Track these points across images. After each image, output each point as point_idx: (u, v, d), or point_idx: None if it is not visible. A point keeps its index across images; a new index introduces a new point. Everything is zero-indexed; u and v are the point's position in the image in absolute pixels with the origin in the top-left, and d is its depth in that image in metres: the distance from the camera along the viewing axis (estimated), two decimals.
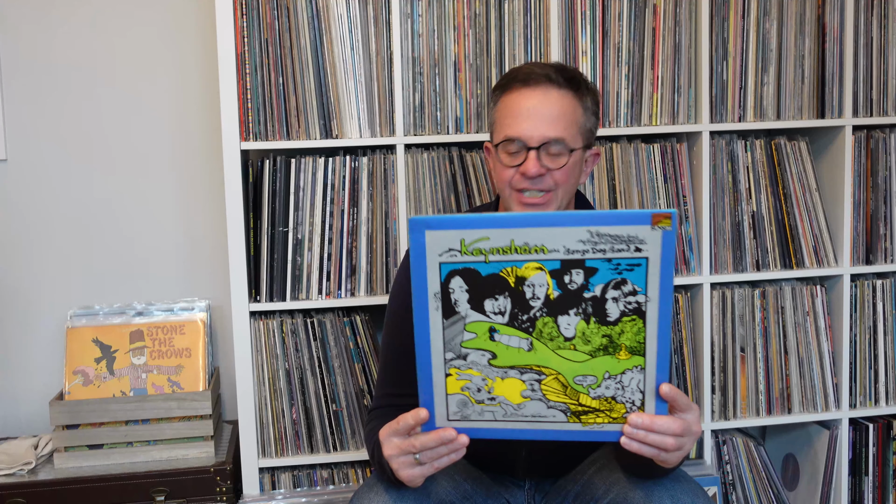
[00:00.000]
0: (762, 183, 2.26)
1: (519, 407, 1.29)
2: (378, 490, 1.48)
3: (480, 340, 1.27)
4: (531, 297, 1.24)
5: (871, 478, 2.35)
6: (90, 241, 2.40)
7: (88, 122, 2.38)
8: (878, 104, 2.29)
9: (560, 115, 1.53)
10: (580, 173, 1.61)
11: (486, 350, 1.27)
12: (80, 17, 2.34)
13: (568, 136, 1.53)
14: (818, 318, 2.29)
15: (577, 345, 1.25)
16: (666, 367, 1.25)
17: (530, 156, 1.53)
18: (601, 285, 1.22)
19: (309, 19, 2.05)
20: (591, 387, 1.26)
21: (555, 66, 1.57)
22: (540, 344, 1.26)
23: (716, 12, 2.19)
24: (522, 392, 1.28)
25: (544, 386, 1.27)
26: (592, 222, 1.20)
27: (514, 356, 1.27)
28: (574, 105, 1.55)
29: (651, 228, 1.19)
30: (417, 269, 1.25)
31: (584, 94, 1.58)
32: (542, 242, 1.22)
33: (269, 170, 2.08)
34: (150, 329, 2.26)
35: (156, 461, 2.15)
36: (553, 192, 1.57)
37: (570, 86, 1.55)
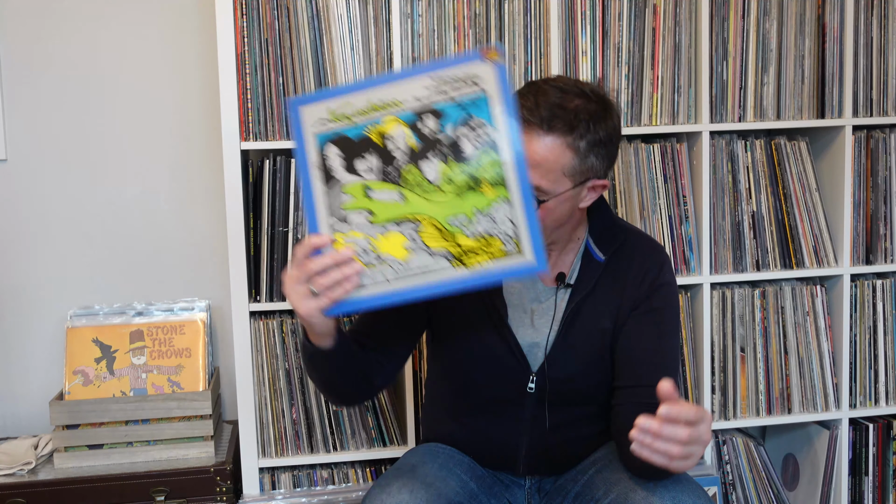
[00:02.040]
0: (762, 183, 2.26)
1: (405, 263, 1.36)
2: (391, 490, 1.48)
3: (358, 201, 1.37)
4: (394, 149, 1.36)
5: (871, 478, 2.35)
6: (90, 241, 2.40)
7: (88, 122, 2.38)
8: (878, 104, 2.29)
9: (541, 162, 1.47)
10: (572, 207, 1.54)
11: (364, 209, 1.37)
12: (80, 18, 2.34)
13: (546, 183, 1.48)
14: (818, 318, 2.29)
15: (443, 187, 1.35)
16: (530, 195, 1.33)
17: None
18: (451, 125, 1.34)
19: (309, 19, 2.05)
20: (464, 226, 1.34)
21: (554, 104, 1.47)
22: (410, 193, 1.35)
23: (716, 12, 2.19)
24: (405, 245, 1.36)
25: (422, 234, 1.35)
26: (432, 69, 1.34)
27: (390, 209, 1.36)
28: (560, 151, 1.47)
29: (482, 62, 1.32)
30: (299, 145, 1.38)
31: (582, 135, 1.47)
32: (394, 97, 1.35)
33: (269, 170, 2.08)
34: (150, 329, 2.26)
35: (156, 461, 2.15)
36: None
37: (560, 128, 1.46)
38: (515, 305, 1.64)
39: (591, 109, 1.49)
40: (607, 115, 1.52)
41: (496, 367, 1.63)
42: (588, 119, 1.48)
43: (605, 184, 1.56)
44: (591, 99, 1.51)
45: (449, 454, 1.68)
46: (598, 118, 1.49)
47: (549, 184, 1.49)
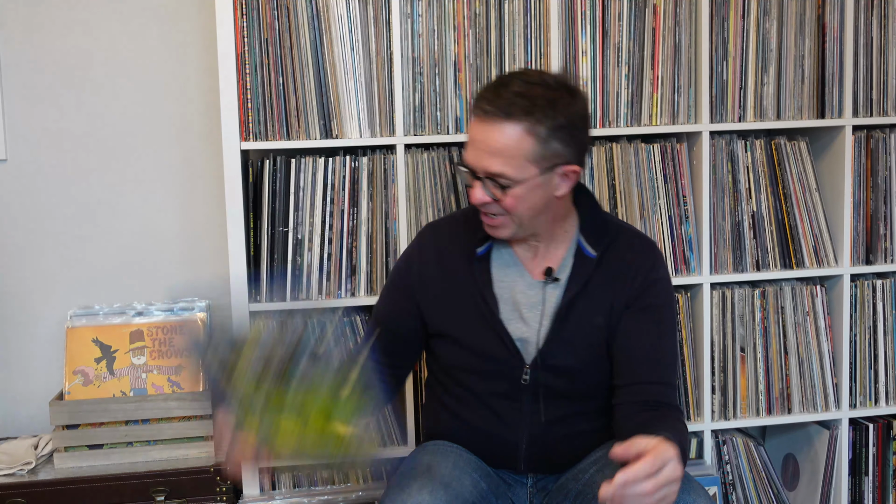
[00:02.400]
0: (762, 183, 2.26)
1: None
2: (410, 492, 1.48)
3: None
4: None
5: (871, 478, 2.35)
6: (90, 241, 2.40)
7: (88, 122, 2.37)
8: (878, 104, 2.29)
9: (502, 150, 1.50)
10: (544, 194, 1.56)
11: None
12: (80, 17, 2.34)
13: (510, 170, 1.51)
14: (818, 318, 2.29)
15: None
16: None
17: (476, 185, 1.56)
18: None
19: (309, 19, 2.05)
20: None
21: (514, 92, 1.51)
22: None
23: (716, 12, 2.19)
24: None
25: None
26: None
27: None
28: (519, 137, 1.49)
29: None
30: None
31: (541, 120, 1.49)
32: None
33: (269, 170, 2.08)
34: (150, 329, 2.26)
35: (156, 461, 2.15)
36: (506, 216, 1.57)
37: (518, 115, 1.49)
38: (505, 299, 1.65)
39: (550, 96, 1.52)
40: (568, 100, 1.53)
41: (490, 360, 1.64)
42: (546, 105, 1.50)
43: (575, 169, 1.56)
44: (551, 86, 1.53)
45: (458, 453, 1.68)
46: (556, 103, 1.51)
47: (513, 171, 1.51)
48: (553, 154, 1.52)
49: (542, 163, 1.52)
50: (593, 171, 2.17)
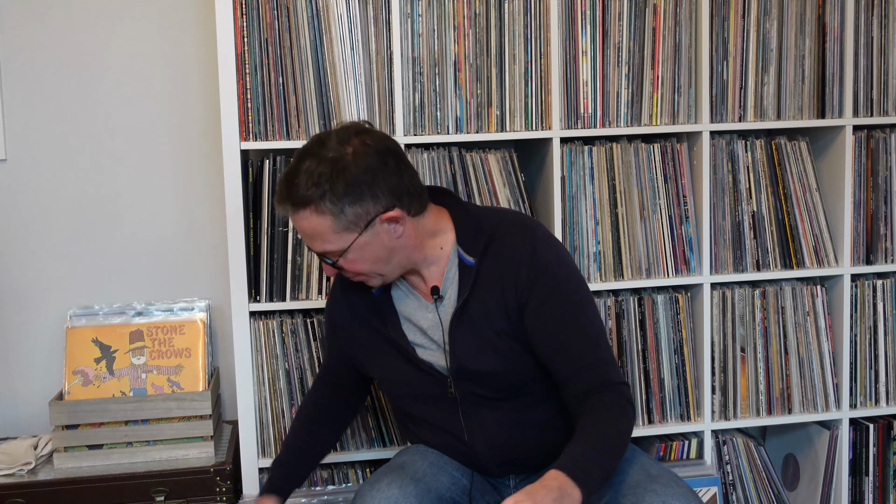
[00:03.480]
0: (762, 183, 2.25)
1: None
2: (380, 486, 1.53)
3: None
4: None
5: (872, 478, 2.35)
6: (90, 241, 2.40)
7: (88, 122, 2.37)
8: (879, 104, 2.29)
9: (312, 234, 1.56)
10: (382, 244, 1.57)
11: None
12: (79, 18, 2.34)
13: (328, 245, 1.56)
14: (818, 318, 2.29)
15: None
16: None
17: (322, 262, 1.62)
18: None
19: (309, 19, 2.05)
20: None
21: (288, 185, 1.54)
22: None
23: (716, 12, 2.19)
24: None
25: None
26: None
27: None
28: (315, 220, 1.53)
29: None
30: None
31: (321, 199, 1.51)
32: None
33: (269, 170, 2.08)
34: (149, 329, 2.26)
35: (155, 461, 2.15)
36: (361, 275, 1.62)
37: (299, 204, 1.53)
38: (410, 327, 1.69)
39: (319, 170, 1.52)
40: (339, 164, 1.52)
41: (416, 385, 1.69)
42: (315, 182, 1.51)
43: (393, 215, 1.55)
44: (327, 157, 1.52)
45: (439, 453, 1.73)
46: (326, 176, 1.51)
47: (332, 245, 1.56)
48: (357, 217, 1.54)
49: (353, 227, 1.55)
50: (593, 171, 2.17)
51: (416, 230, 1.61)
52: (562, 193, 2.15)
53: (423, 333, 1.68)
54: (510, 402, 1.66)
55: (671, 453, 2.26)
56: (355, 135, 1.55)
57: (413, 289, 1.70)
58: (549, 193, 2.16)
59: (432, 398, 1.69)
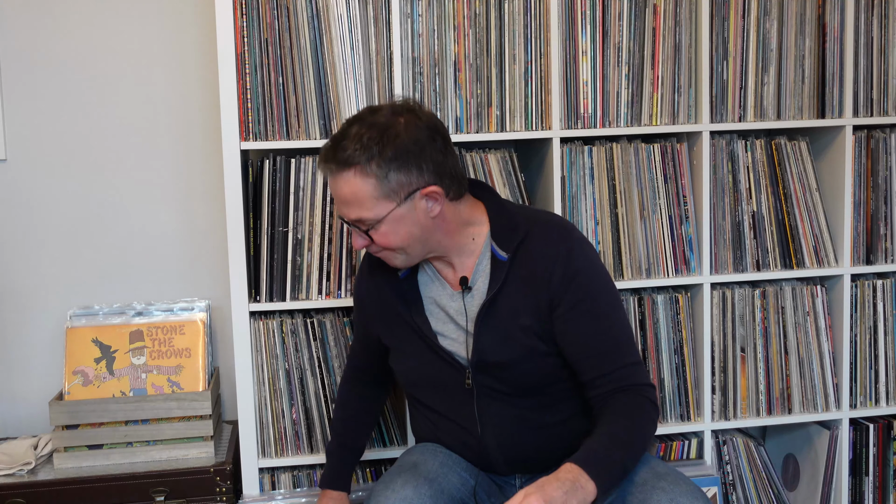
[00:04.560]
0: (762, 183, 2.26)
1: None
2: (395, 487, 1.54)
3: None
4: None
5: (872, 478, 2.35)
6: (90, 241, 2.40)
7: (88, 122, 2.38)
8: (879, 104, 2.29)
9: (350, 198, 1.57)
10: (417, 220, 1.58)
11: None
12: (79, 18, 2.34)
13: (364, 214, 1.57)
14: (818, 318, 2.29)
15: None
16: None
17: (353, 231, 1.63)
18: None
19: (309, 19, 2.05)
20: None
21: (336, 144, 1.56)
22: None
23: (716, 12, 2.19)
24: None
25: None
26: None
27: None
28: (356, 183, 1.54)
29: None
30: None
31: (370, 160, 1.53)
32: None
33: (269, 170, 2.08)
34: (149, 329, 2.26)
35: (155, 461, 2.15)
36: (389, 251, 1.62)
37: (346, 164, 1.54)
38: (434, 313, 1.70)
39: (376, 132, 1.54)
40: (399, 129, 1.55)
41: (434, 373, 1.70)
42: (372, 142, 1.53)
43: (434, 190, 1.57)
44: (379, 123, 1.55)
45: (447, 453, 1.73)
46: (384, 137, 1.54)
47: (368, 212, 1.56)
48: (399, 185, 1.55)
49: (394, 196, 1.56)
50: (593, 171, 2.17)
51: (452, 214, 1.63)
52: (562, 193, 2.15)
53: (449, 320, 1.68)
54: (526, 399, 1.66)
55: (671, 453, 2.26)
56: (407, 110, 1.59)
57: (440, 275, 1.70)
58: (549, 193, 2.16)
59: (448, 388, 1.69)
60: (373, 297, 1.77)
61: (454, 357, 1.67)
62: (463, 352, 1.67)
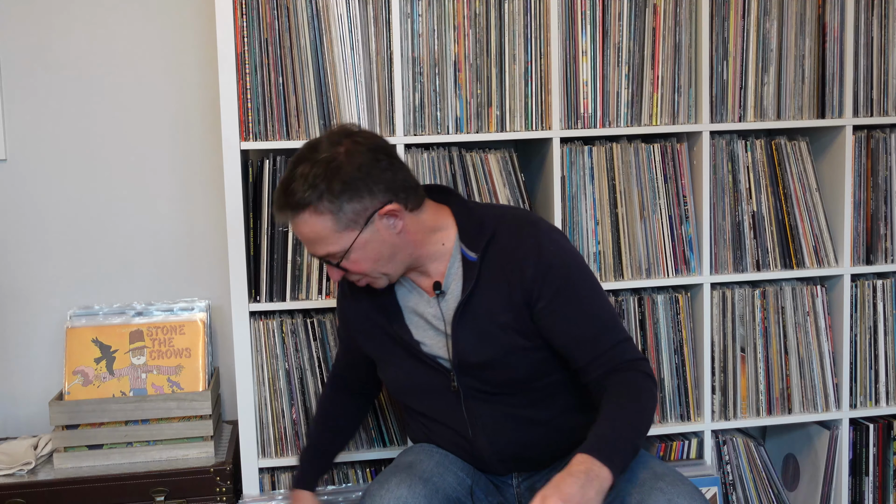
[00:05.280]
0: (762, 183, 2.25)
1: None
2: (389, 486, 1.54)
3: None
4: None
5: (872, 478, 2.35)
6: (90, 241, 2.40)
7: (88, 122, 2.38)
8: (879, 104, 2.29)
9: (313, 238, 1.58)
10: (383, 240, 1.59)
11: None
12: (79, 18, 2.34)
13: (331, 247, 1.58)
14: (818, 318, 2.29)
15: None
16: None
17: (326, 266, 1.64)
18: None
19: (309, 19, 2.05)
20: None
21: (286, 191, 1.56)
22: None
23: (716, 12, 2.19)
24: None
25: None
26: None
27: None
28: (314, 221, 1.55)
29: None
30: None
31: (319, 199, 1.53)
32: None
33: (269, 170, 2.08)
34: (149, 329, 2.26)
35: (155, 461, 2.15)
36: (366, 276, 1.63)
37: (298, 209, 1.55)
38: (414, 322, 1.71)
39: (314, 172, 1.54)
40: (333, 164, 1.54)
41: (421, 380, 1.71)
42: (312, 184, 1.53)
43: (391, 209, 1.57)
44: (318, 159, 1.55)
45: (443, 453, 1.73)
46: (321, 176, 1.54)
47: (334, 246, 1.58)
48: (355, 214, 1.56)
49: (354, 225, 1.56)
50: (593, 171, 2.17)
51: (416, 225, 1.63)
52: (562, 193, 2.15)
53: (429, 326, 1.69)
54: (512, 397, 1.67)
55: (671, 453, 2.26)
56: (346, 136, 1.58)
57: (416, 285, 1.71)
58: (549, 193, 2.16)
59: (436, 393, 1.70)
60: (354, 312, 1.78)
61: (437, 361, 1.68)
62: (445, 355, 1.68)
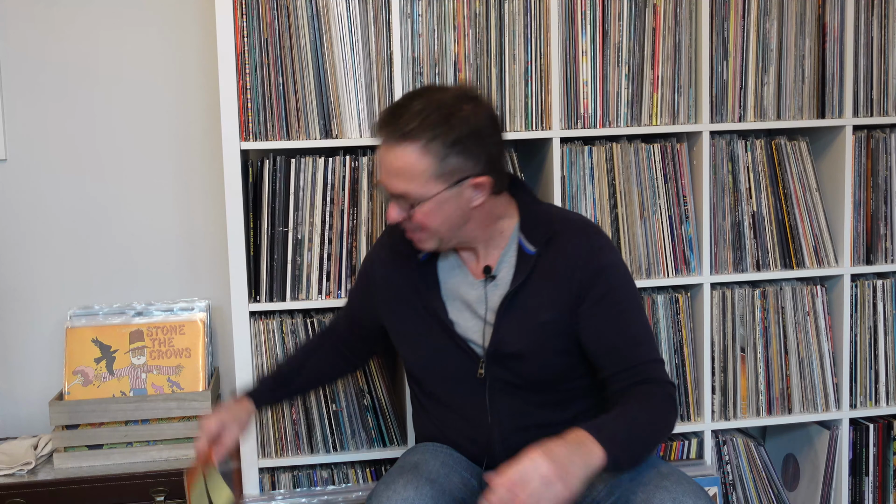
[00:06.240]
0: (762, 183, 2.26)
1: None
2: (396, 487, 1.53)
3: None
4: None
5: (872, 478, 2.35)
6: (90, 241, 2.40)
7: (88, 122, 2.38)
8: (879, 104, 2.29)
9: (402, 171, 1.55)
10: (458, 207, 1.59)
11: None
12: (80, 18, 2.34)
13: (411, 189, 1.56)
14: (818, 318, 2.29)
15: None
16: None
17: (391, 203, 1.62)
18: None
19: (309, 19, 2.05)
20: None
21: (405, 117, 1.54)
22: None
23: (716, 12, 2.19)
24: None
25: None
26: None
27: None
28: (416, 158, 1.53)
29: None
30: None
31: (434, 138, 1.53)
32: None
33: (268, 170, 2.08)
34: (149, 329, 2.26)
35: (155, 461, 2.15)
36: (423, 232, 1.62)
37: (410, 138, 1.53)
38: (452, 300, 1.70)
39: (445, 112, 1.54)
40: (466, 113, 1.55)
41: (445, 359, 1.69)
42: (439, 122, 1.53)
43: (484, 181, 1.58)
44: (446, 103, 1.56)
45: (448, 453, 1.72)
46: (451, 119, 1.54)
47: (416, 189, 1.56)
48: (454, 169, 1.55)
49: (446, 179, 1.56)
50: (593, 171, 2.17)
51: (490, 206, 1.64)
52: (562, 193, 2.15)
53: (466, 308, 1.68)
54: (536, 395, 1.66)
55: (671, 453, 2.26)
56: (471, 99, 1.59)
57: (462, 263, 1.71)
58: (549, 193, 2.16)
59: (459, 378, 1.68)
60: (389, 282, 1.76)
61: (469, 345, 1.67)
62: (479, 340, 1.67)
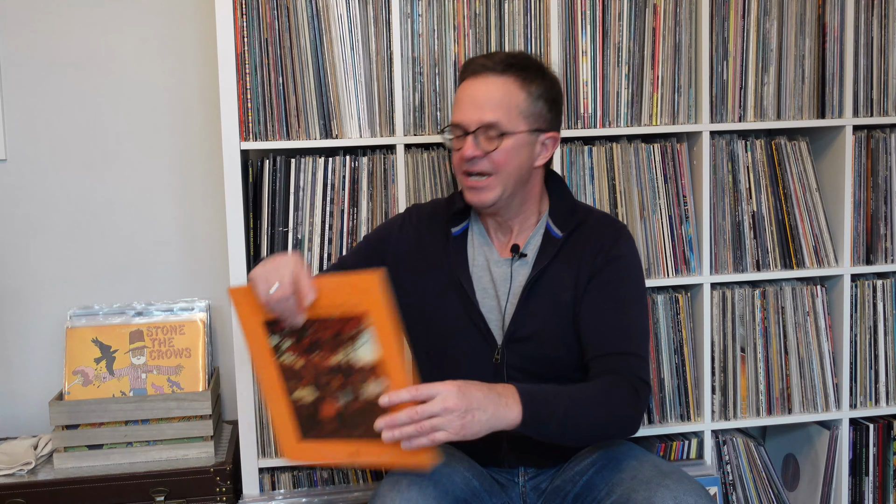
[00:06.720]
0: (762, 183, 2.26)
1: None
2: (400, 488, 1.52)
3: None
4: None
5: (872, 478, 2.35)
6: (90, 241, 2.40)
7: (88, 122, 2.38)
8: (879, 104, 2.29)
9: (495, 100, 1.62)
10: (528, 157, 1.66)
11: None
12: (79, 17, 2.34)
13: (503, 118, 1.61)
14: (818, 318, 2.29)
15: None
16: None
17: (467, 140, 1.63)
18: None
19: (309, 19, 2.05)
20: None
21: (505, 54, 1.66)
22: None
23: (716, 12, 2.19)
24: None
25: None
26: None
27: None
28: (513, 90, 1.62)
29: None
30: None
31: (532, 80, 1.64)
32: None
33: (268, 170, 2.08)
34: (149, 329, 2.26)
35: (155, 461, 2.15)
36: (494, 176, 1.64)
37: (512, 71, 1.62)
38: (477, 277, 1.72)
39: (538, 64, 1.69)
40: (550, 74, 1.70)
41: (462, 340, 1.70)
42: (536, 68, 1.66)
43: (554, 136, 1.70)
44: (537, 60, 1.70)
45: (450, 452, 1.71)
46: (544, 71, 1.68)
47: (506, 119, 1.61)
48: (539, 114, 1.65)
49: (531, 121, 1.64)
50: (593, 171, 2.17)
51: (538, 178, 1.72)
52: None
53: (485, 285, 1.71)
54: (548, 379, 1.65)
55: (671, 453, 2.26)
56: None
57: (490, 240, 1.75)
58: None
59: (474, 361, 1.69)
60: (418, 249, 1.77)
61: (488, 325, 1.69)
62: (497, 320, 1.69)
